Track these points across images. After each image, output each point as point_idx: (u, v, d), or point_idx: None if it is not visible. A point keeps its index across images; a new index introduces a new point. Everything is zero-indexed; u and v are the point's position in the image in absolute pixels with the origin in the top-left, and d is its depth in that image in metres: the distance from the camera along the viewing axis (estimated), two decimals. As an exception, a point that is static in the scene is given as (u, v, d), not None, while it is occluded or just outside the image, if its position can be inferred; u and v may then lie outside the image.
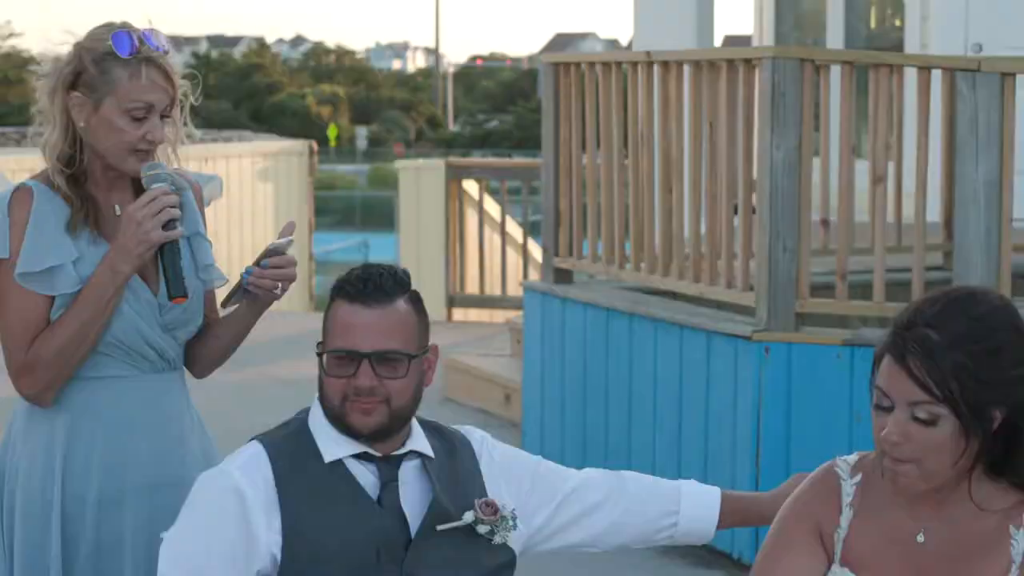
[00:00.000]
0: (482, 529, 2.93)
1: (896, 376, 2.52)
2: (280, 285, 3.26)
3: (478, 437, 3.10)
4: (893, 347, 2.53)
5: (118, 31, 3.17)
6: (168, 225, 3.14)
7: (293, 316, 12.95)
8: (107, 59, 3.15)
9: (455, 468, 3.00)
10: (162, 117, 3.19)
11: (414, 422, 2.99)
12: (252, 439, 2.96)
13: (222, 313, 3.41)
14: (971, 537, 2.60)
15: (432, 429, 3.04)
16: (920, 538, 2.62)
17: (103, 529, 3.21)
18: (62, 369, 3.16)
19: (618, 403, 6.59)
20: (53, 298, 3.16)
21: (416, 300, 2.95)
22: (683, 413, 6.20)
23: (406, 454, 2.95)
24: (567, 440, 6.94)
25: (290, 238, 3.26)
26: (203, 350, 3.39)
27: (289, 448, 2.91)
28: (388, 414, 2.88)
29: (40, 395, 3.19)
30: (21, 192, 3.19)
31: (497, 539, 2.94)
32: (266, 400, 8.90)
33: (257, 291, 3.26)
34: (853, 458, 2.72)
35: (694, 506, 3.14)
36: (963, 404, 2.48)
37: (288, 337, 10.85)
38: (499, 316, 11.21)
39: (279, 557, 2.83)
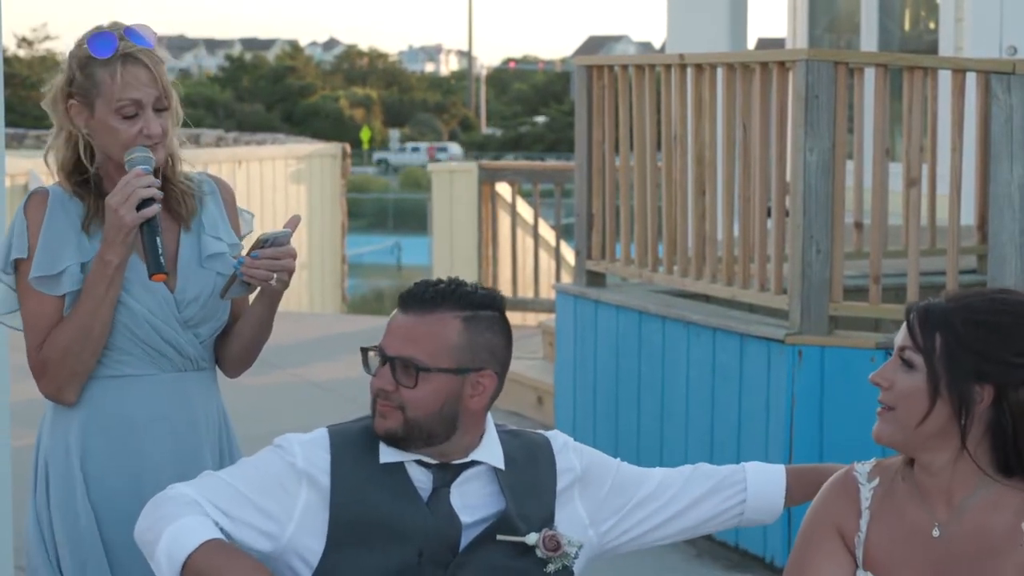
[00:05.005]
0: (539, 554, 2.91)
1: (901, 331, 2.65)
2: (275, 275, 3.22)
3: (560, 444, 3.05)
4: (909, 307, 2.66)
5: (95, 33, 3.19)
6: (142, 205, 3.13)
7: (325, 318, 13.00)
8: (90, 63, 3.17)
9: (531, 477, 2.97)
10: (157, 110, 3.19)
11: (491, 430, 2.97)
12: (322, 428, 2.96)
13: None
14: (986, 533, 2.63)
15: (512, 435, 3.02)
16: (935, 532, 2.65)
17: (129, 527, 3.22)
18: (73, 367, 3.18)
19: (650, 406, 6.58)
20: (65, 299, 3.18)
21: (471, 320, 2.88)
22: (715, 416, 6.18)
23: (468, 464, 2.93)
24: (599, 443, 6.92)
25: (289, 230, 3.22)
26: (227, 349, 3.39)
27: (353, 440, 2.91)
28: (403, 422, 2.86)
29: (58, 394, 3.21)
30: (37, 196, 3.22)
31: (550, 568, 2.92)
32: (297, 402, 8.91)
33: (252, 281, 3.23)
34: (871, 463, 2.79)
35: (761, 483, 3.13)
36: (940, 360, 2.58)
37: (320, 339, 10.88)
38: (531, 318, 11.20)
39: (323, 543, 2.84)
